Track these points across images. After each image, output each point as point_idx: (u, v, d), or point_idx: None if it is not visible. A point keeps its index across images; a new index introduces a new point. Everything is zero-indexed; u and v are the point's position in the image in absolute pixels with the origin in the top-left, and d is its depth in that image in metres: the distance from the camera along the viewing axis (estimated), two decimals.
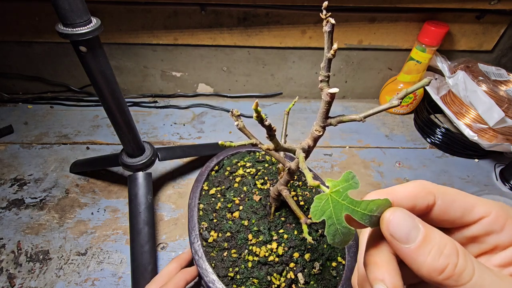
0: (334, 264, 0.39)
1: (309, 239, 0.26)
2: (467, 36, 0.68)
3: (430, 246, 0.15)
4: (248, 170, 0.48)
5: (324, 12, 0.20)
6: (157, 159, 0.52)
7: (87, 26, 0.33)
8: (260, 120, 0.22)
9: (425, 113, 0.71)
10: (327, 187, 0.21)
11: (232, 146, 0.25)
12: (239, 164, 0.50)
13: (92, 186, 0.57)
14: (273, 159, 0.51)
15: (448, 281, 0.14)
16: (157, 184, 0.58)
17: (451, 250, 0.15)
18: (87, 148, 0.64)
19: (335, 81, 0.77)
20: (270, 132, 0.24)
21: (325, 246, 0.39)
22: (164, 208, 0.54)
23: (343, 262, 0.39)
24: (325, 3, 0.20)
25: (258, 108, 0.20)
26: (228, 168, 0.49)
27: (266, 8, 0.63)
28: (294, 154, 0.28)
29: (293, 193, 0.45)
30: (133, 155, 0.48)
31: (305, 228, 0.28)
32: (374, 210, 0.20)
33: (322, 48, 0.22)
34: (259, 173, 0.48)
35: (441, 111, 0.68)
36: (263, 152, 0.51)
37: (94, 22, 0.34)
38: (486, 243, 0.18)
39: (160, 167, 0.61)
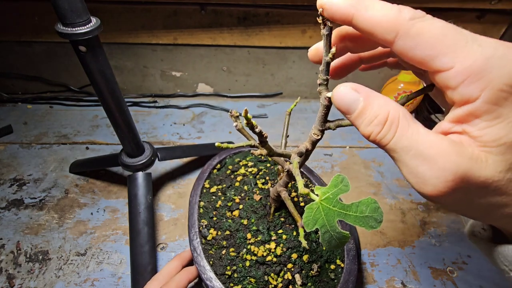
0: (332, 266, 0.39)
1: (304, 243, 0.26)
2: None
3: (363, 118, 0.18)
4: (249, 170, 0.48)
5: (321, 17, 0.20)
6: (157, 159, 0.52)
7: (87, 26, 0.33)
8: (251, 127, 0.22)
9: (425, 113, 0.71)
10: (317, 195, 0.21)
11: (230, 148, 0.25)
12: (241, 163, 0.50)
13: (91, 186, 0.57)
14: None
15: (374, 142, 0.18)
16: (157, 184, 0.58)
17: (379, 120, 0.18)
18: (87, 148, 0.64)
19: (335, 81, 0.77)
20: (262, 139, 0.24)
21: (324, 248, 0.39)
22: (164, 208, 0.54)
23: (342, 265, 0.39)
24: (321, 10, 0.20)
25: (248, 115, 0.20)
26: (230, 167, 0.49)
27: (266, 8, 0.63)
28: (289, 159, 0.27)
29: (293, 193, 0.45)
30: (132, 155, 0.48)
31: (301, 231, 0.28)
32: (365, 210, 0.20)
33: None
34: (260, 173, 0.48)
35: (441, 111, 0.68)
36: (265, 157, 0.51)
37: (94, 21, 0.33)
38: (446, 96, 0.18)
39: (160, 167, 0.61)
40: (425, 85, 0.22)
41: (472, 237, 0.25)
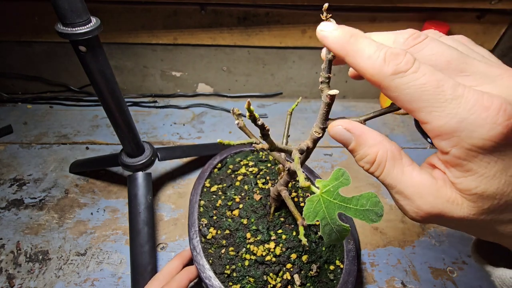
0: (332, 267, 0.38)
1: (304, 241, 0.26)
2: (468, 36, 0.68)
3: (355, 153, 0.21)
4: (250, 169, 0.48)
5: (325, 13, 0.20)
6: (157, 159, 0.52)
7: (87, 26, 0.33)
8: (253, 119, 0.22)
9: None
10: (318, 188, 0.21)
11: (232, 145, 0.25)
12: (241, 163, 0.50)
13: (91, 186, 0.57)
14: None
15: (371, 172, 0.21)
16: (156, 184, 0.58)
17: (367, 160, 0.20)
18: (87, 148, 0.64)
19: (335, 81, 0.77)
20: (264, 132, 0.24)
21: (323, 248, 0.39)
22: (164, 208, 0.54)
23: (341, 266, 0.39)
24: (326, 5, 0.20)
25: (251, 107, 0.20)
26: (231, 166, 0.49)
27: (266, 8, 0.63)
28: (291, 155, 0.27)
29: (293, 194, 0.45)
30: (132, 155, 0.48)
31: (301, 230, 0.28)
32: (365, 204, 0.20)
33: (322, 48, 0.22)
34: (261, 173, 0.48)
35: None
36: (266, 152, 0.51)
37: (94, 21, 0.33)
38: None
39: (160, 167, 0.61)
40: None
41: (474, 254, 0.25)
